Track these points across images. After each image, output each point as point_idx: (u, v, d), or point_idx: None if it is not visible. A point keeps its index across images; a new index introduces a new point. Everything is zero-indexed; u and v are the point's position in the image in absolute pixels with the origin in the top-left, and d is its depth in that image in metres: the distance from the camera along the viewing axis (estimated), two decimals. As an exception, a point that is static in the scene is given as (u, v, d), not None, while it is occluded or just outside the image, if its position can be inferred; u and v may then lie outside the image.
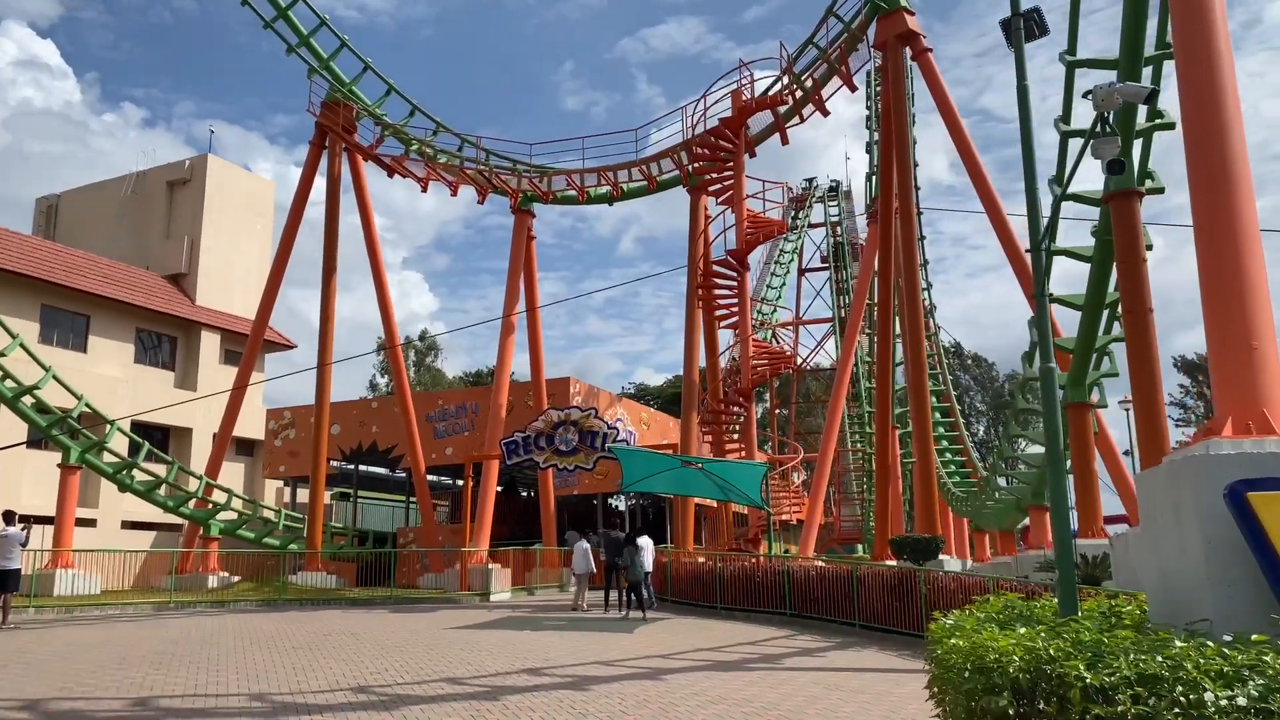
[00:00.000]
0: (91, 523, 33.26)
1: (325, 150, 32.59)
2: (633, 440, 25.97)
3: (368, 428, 37.14)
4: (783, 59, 27.44)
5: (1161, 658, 4.64)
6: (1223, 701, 4.28)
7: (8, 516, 17.97)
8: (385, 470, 41.09)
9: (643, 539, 21.67)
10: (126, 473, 28.12)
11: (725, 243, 28.63)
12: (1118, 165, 6.42)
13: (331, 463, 35.04)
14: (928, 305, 37.44)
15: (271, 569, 28.84)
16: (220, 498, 30.90)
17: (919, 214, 31.47)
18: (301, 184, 33.16)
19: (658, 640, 15.85)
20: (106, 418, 28.39)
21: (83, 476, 28.10)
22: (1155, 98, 5.75)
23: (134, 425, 32.32)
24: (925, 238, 36.59)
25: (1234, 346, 6.70)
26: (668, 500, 37.39)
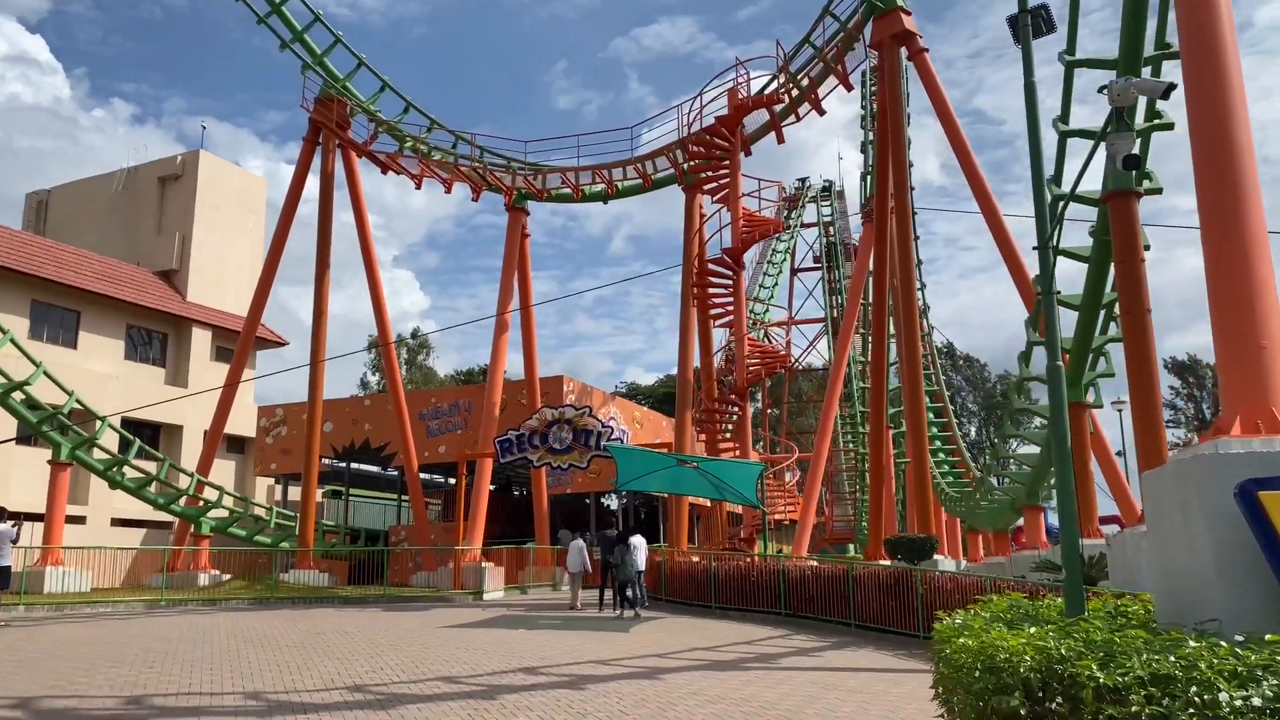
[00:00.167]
0: (81, 520, 33.05)
1: (319, 147, 32.40)
2: (626, 439, 25.90)
3: (360, 425, 37.02)
4: (779, 57, 27.45)
5: (1175, 658, 4.60)
6: (1238, 702, 4.24)
7: (-2, 513, 17.85)
8: (377, 468, 40.97)
9: (636, 538, 21.62)
10: (117, 470, 27.93)
11: (721, 241, 28.63)
12: (1134, 160, 6.37)
13: (323, 460, 34.89)
14: (922, 305, 37.46)
15: (263, 567, 28.69)
16: (211, 495, 30.72)
17: (913, 214, 31.42)
18: (295, 180, 32.98)
19: (654, 640, 15.81)
20: (98, 414, 28.20)
21: (72, 473, 27.91)
22: (1171, 92, 5.68)
23: (124, 422, 32.13)
24: (919, 238, 36.59)
25: (1242, 345, 6.67)
26: (660, 499, 37.34)
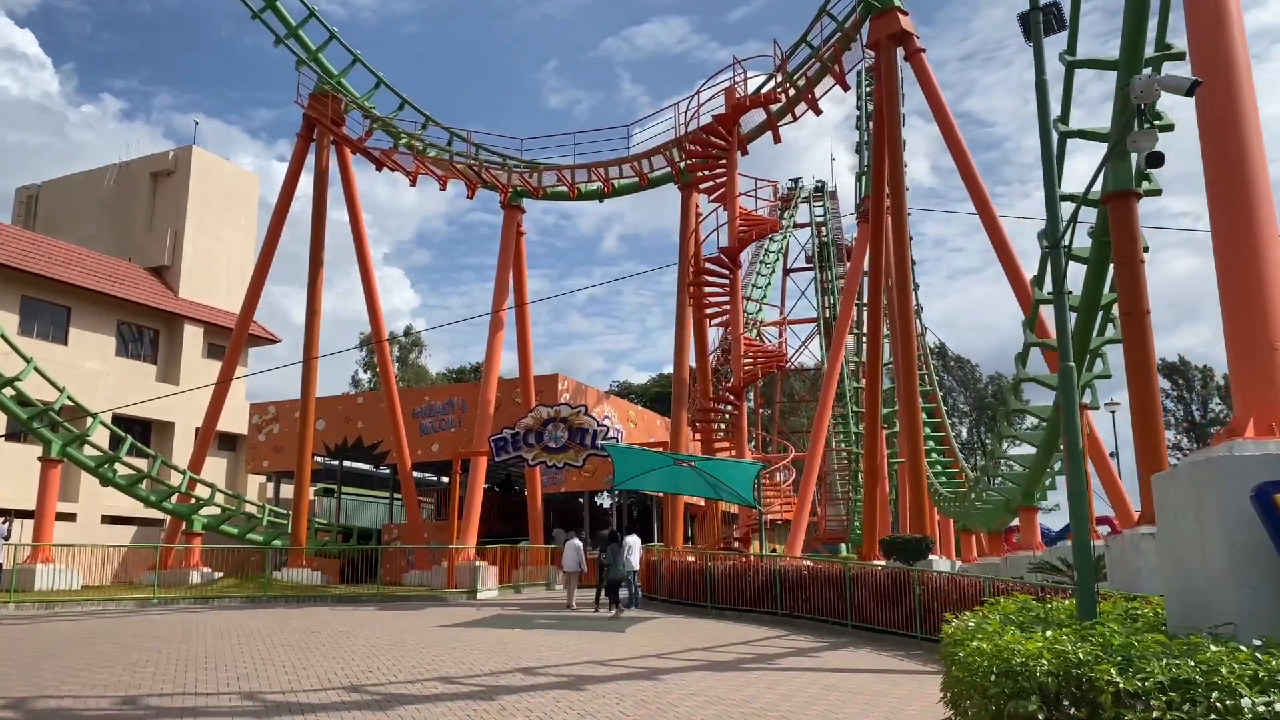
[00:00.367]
0: (71, 517, 32.82)
1: (313, 143, 32.19)
2: (621, 438, 25.85)
3: (353, 423, 36.85)
4: (776, 57, 27.40)
5: (1194, 662, 4.56)
6: (1260, 708, 4.20)
7: (-11, 511, 17.71)
8: (369, 466, 40.78)
9: (631, 538, 21.57)
10: (109, 467, 27.73)
11: (717, 240, 28.57)
12: (1157, 158, 6.31)
13: (315, 458, 34.71)
14: (916, 305, 37.47)
15: (255, 565, 28.52)
16: (203, 492, 30.55)
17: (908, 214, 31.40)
18: (289, 176, 32.77)
19: (650, 640, 15.75)
20: (89, 411, 27.99)
21: (62, 470, 27.69)
22: (1195, 89, 5.62)
23: (115, 419, 31.89)
24: (912, 238, 36.58)
25: (1254, 348, 6.63)
26: (653, 498, 37.26)
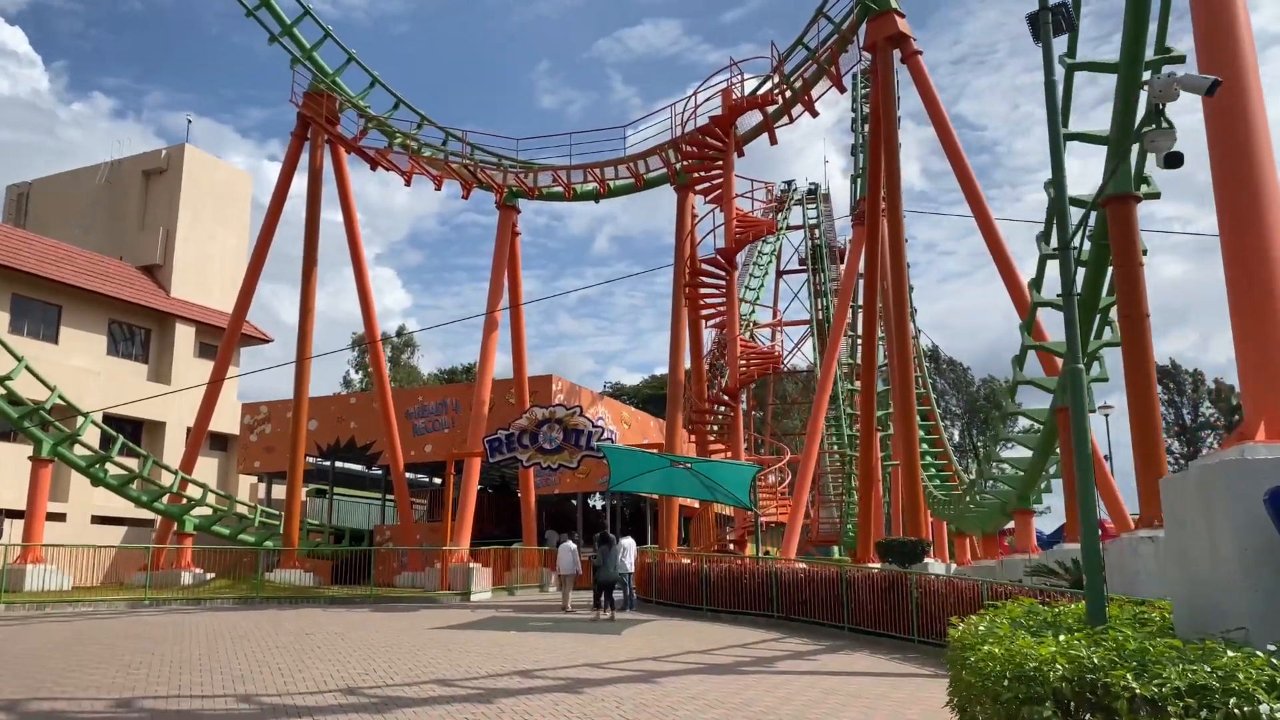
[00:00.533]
0: (61, 517, 32.61)
1: (307, 142, 32.05)
2: (615, 440, 25.78)
3: (346, 424, 36.70)
4: (773, 58, 27.34)
5: (1211, 668, 4.51)
6: (1278, 714, 4.17)
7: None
8: (362, 467, 40.63)
9: (626, 540, 21.51)
10: (100, 466, 27.56)
11: (713, 241, 28.50)
12: (1176, 158, 6.26)
13: (307, 459, 34.56)
14: (911, 307, 37.46)
15: (247, 566, 28.35)
16: (195, 493, 30.36)
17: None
18: (282, 175, 32.63)
19: (647, 642, 15.68)
20: (80, 410, 27.81)
21: (52, 470, 27.49)
22: (1216, 88, 5.56)
23: (106, 418, 31.71)
24: (907, 240, 36.57)
25: (1264, 352, 6.60)
26: (647, 500, 37.19)
